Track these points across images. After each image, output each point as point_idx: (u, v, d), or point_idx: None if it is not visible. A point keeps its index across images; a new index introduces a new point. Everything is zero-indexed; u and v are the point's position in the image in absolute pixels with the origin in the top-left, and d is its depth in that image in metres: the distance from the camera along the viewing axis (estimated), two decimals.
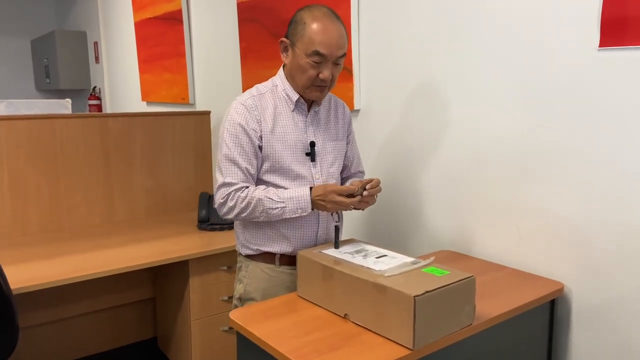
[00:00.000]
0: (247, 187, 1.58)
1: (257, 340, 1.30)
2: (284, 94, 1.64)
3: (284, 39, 1.60)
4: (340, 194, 1.52)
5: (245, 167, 1.58)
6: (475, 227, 1.90)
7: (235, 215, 1.59)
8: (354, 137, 1.86)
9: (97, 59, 5.24)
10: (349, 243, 1.62)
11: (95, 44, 5.20)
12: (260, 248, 1.66)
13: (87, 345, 2.76)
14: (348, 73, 2.28)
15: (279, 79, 1.66)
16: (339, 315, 1.39)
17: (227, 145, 1.58)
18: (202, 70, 3.45)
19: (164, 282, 2.67)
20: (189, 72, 3.54)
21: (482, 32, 1.79)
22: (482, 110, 1.83)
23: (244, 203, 1.56)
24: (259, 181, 1.64)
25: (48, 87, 5.82)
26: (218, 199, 1.60)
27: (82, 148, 2.70)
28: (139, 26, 4.14)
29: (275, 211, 1.55)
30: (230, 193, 1.57)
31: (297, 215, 1.57)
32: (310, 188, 1.57)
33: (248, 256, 1.70)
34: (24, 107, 2.96)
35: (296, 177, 1.62)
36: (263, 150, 1.60)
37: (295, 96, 1.63)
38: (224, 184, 1.58)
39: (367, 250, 1.53)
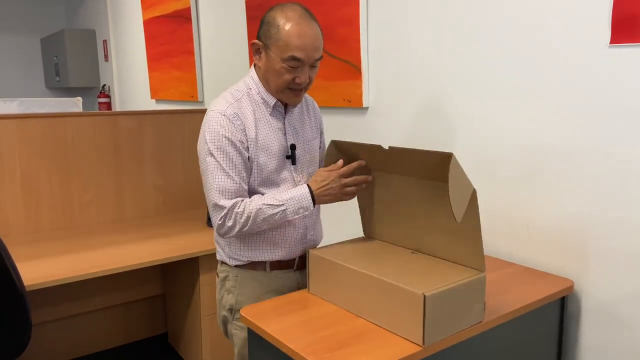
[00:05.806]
0: (242, 200, 1.48)
1: (269, 337, 1.32)
2: (260, 98, 1.55)
3: (256, 41, 1.50)
4: (344, 175, 1.50)
5: (239, 183, 1.49)
6: (485, 224, 1.90)
7: (237, 232, 1.48)
8: (324, 132, 1.80)
9: (106, 57, 5.27)
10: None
11: (105, 42, 5.23)
12: (250, 259, 1.59)
13: (98, 341, 2.78)
14: (357, 70, 2.28)
15: (252, 81, 1.56)
16: (350, 312, 1.40)
17: (216, 160, 1.47)
18: (211, 68, 3.46)
19: (175, 278, 2.69)
20: (198, 70, 3.55)
21: (492, 30, 1.79)
22: (492, 107, 1.82)
23: (243, 218, 1.46)
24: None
25: (58, 85, 5.86)
26: (215, 220, 1.49)
27: (92, 146, 2.72)
28: (148, 24, 4.16)
29: (276, 217, 1.47)
30: (226, 214, 1.47)
31: (299, 215, 1.50)
32: (307, 185, 1.51)
33: (236, 266, 1.61)
34: (36, 105, 2.99)
35: (280, 182, 1.56)
36: (250, 161, 1.52)
37: (272, 100, 1.55)
38: (219, 206, 1.47)
39: None
